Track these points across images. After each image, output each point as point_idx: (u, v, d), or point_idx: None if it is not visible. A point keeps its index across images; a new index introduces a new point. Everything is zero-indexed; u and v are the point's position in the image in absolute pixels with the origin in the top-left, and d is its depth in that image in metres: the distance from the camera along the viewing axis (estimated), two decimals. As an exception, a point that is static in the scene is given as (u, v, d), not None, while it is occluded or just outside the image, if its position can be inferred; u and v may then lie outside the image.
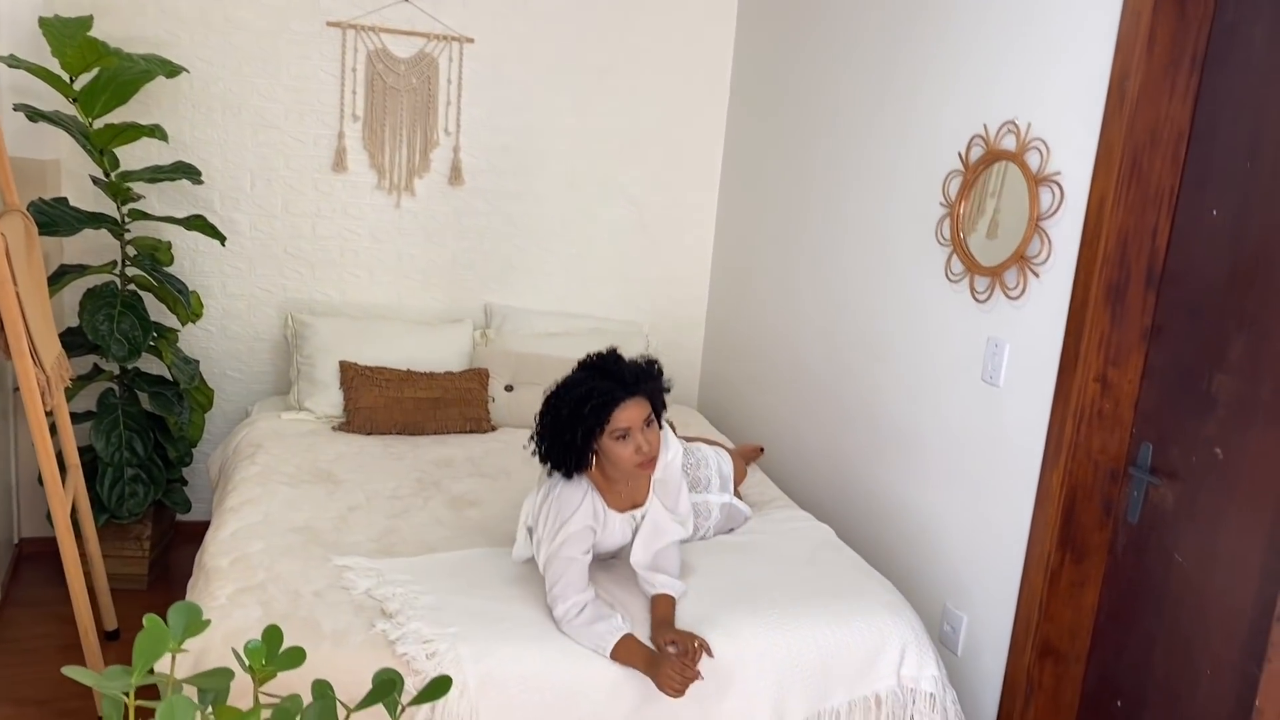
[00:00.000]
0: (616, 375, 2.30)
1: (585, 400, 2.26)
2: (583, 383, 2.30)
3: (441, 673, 2.12)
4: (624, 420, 2.28)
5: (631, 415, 2.29)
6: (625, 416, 2.28)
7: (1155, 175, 2.35)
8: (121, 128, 3.23)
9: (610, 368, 2.32)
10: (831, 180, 3.53)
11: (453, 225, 4.08)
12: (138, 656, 1.34)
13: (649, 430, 2.33)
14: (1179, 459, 2.37)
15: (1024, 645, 2.63)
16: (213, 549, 2.55)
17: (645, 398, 2.33)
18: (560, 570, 2.32)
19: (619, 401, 2.27)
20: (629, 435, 2.29)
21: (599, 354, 2.38)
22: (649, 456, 2.32)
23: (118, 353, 3.26)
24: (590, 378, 2.30)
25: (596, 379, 2.29)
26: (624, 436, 2.29)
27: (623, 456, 2.31)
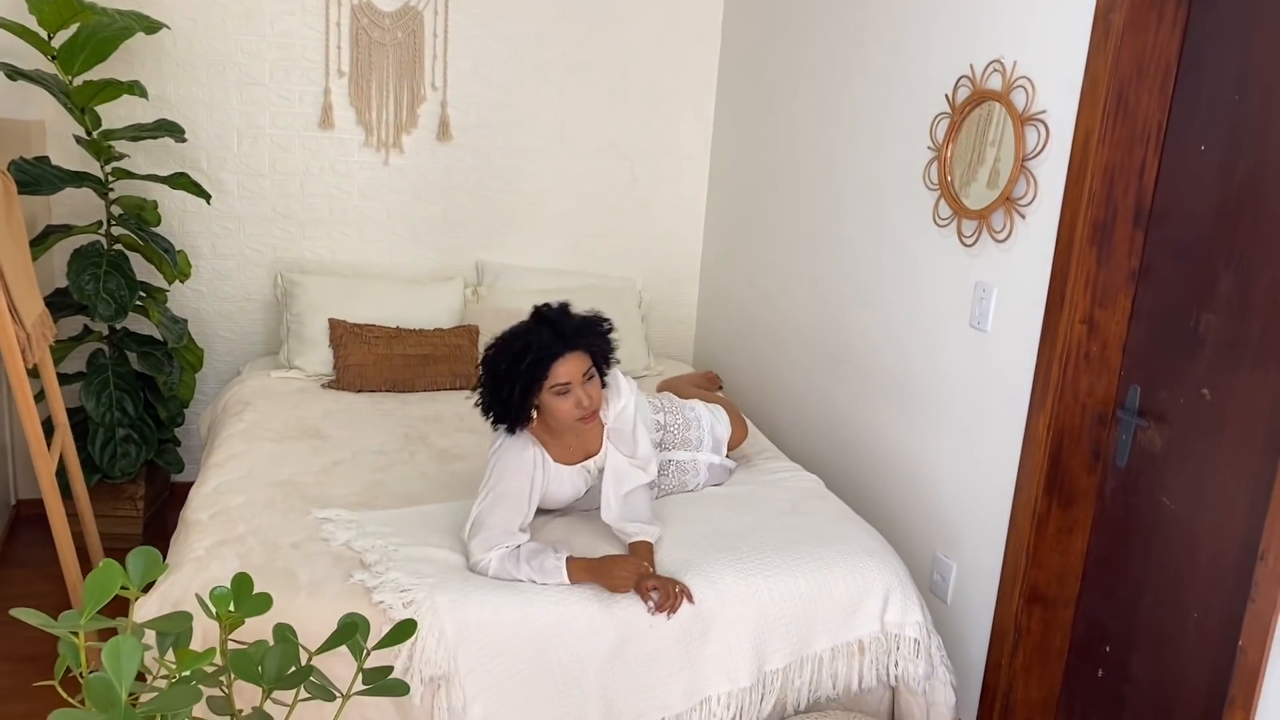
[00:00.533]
0: (556, 329, 2.27)
1: (522, 355, 2.24)
2: (520, 336, 2.27)
3: (419, 620, 2.13)
4: (563, 374, 2.26)
5: (570, 369, 2.27)
6: (564, 370, 2.26)
7: (1142, 110, 2.30)
8: (101, 85, 3.20)
9: (550, 321, 2.29)
10: (821, 128, 3.48)
11: (442, 182, 4.04)
12: (87, 598, 1.33)
13: (589, 384, 2.31)
14: (1167, 401, 2.33)
15: (1011, 592, 2.61)
16: (195, 503, 2.55)
17: (585, 351, 2.31)
18: (482, 521, 2.31)
19: (557, 356, 2.25)
20: (569, 390, 2.28)
21: (542, 306, 2.34)
22: (589, 410, 2.30)
23: (104, 312, 3.25)
24: (528, 332, 2.28)
25: (534, 334, 2.26)
26: (564, 392, 2.27)
27: (562, 411, 2.29)
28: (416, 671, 2.09)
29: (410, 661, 2.09)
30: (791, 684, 2.37)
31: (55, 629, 1.30)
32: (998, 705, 2.68)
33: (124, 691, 1.20)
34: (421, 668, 2.10)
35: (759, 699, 2.33)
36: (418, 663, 2.10)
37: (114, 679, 1.20)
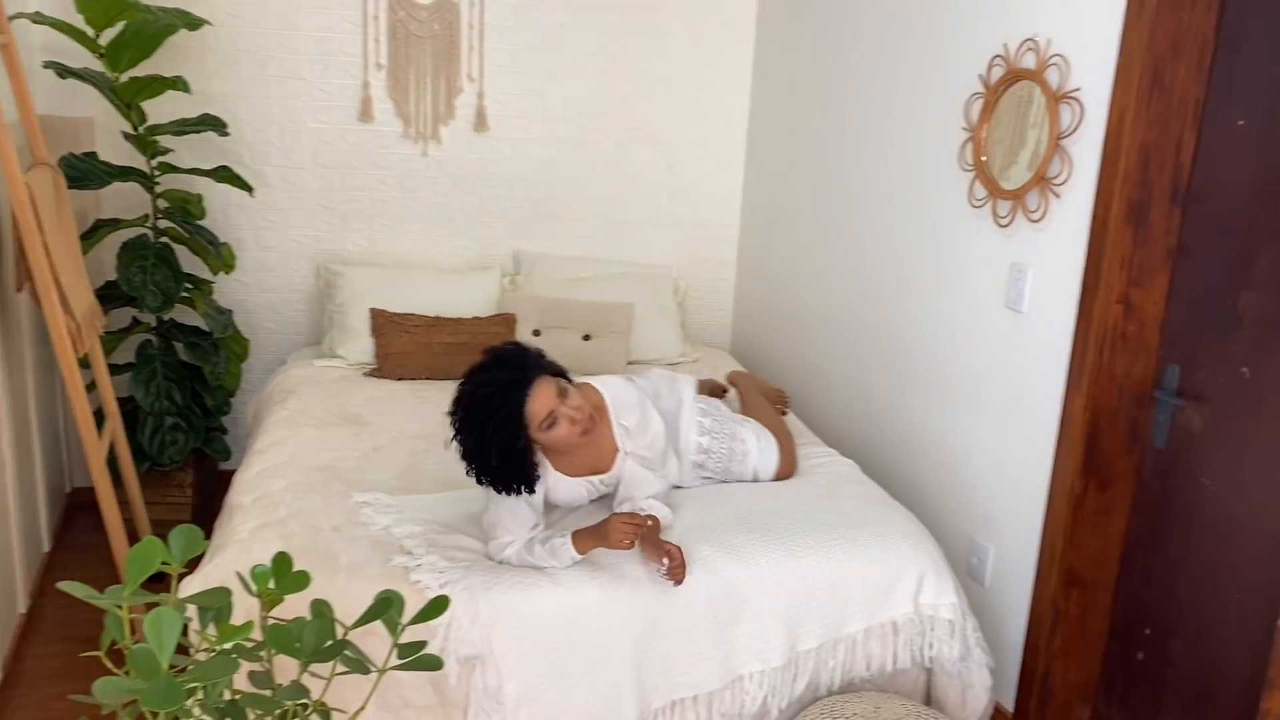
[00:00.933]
0: (501, 380, 2.17)
1: (494, 412, 2.14)
2: (478, 408, 2.17)
3: (454, 600, 2.17)
4: (541, 407, 2.19)
5: (545, 399, 2.19)
6: (540, 403, 2.19)
7: (1179, 87, 2.27)
8: (146, 80, 3.28)
9: (489, 379, 2.19)
10: (856, 111, 3.47)
11: (480, 172, 4.08)
12: (130, 571, 1.38)
13: (570, 398, 2.24)
14: (1206, 381, 2.31)
15: (1049, 575, 2.59)
16: (238, 488, 2.61)
17: (542, 375, 2.22)
18: (493, 524, 2.32)
19: (524, 399, 2.17)
20: (556, 418, 2.21)
21: (469, 379, 2.23)
22: (586, 422, 2.24)
23: (151, 303, 3.33)
24: (488, 385, 2.17)
25: (495, 386, 2.16)
26: (552, 423, 2.21)
27: (560, 438, 2.23)
28: (452, 651, 2.13)
29: (446, 642, 2.13)
30: (825, 664, 2.38)
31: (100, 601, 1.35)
32: (1036, 688, 2.66)
33: (165, 661, 1.25)
34: (456, 648, 2.13)
35: (791, 679, 2.35)
36: (453, 643, 2.14)
37: (155, 649, 1.25)
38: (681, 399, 2.75)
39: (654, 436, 2.46)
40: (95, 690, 1.23)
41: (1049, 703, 2.66)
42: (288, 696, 1.48)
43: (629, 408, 2.45)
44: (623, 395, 2.46)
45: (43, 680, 2.84)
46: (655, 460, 2.47)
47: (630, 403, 2.46)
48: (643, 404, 2.48)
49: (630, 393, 2.48)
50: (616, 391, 2.46)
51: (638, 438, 2.43)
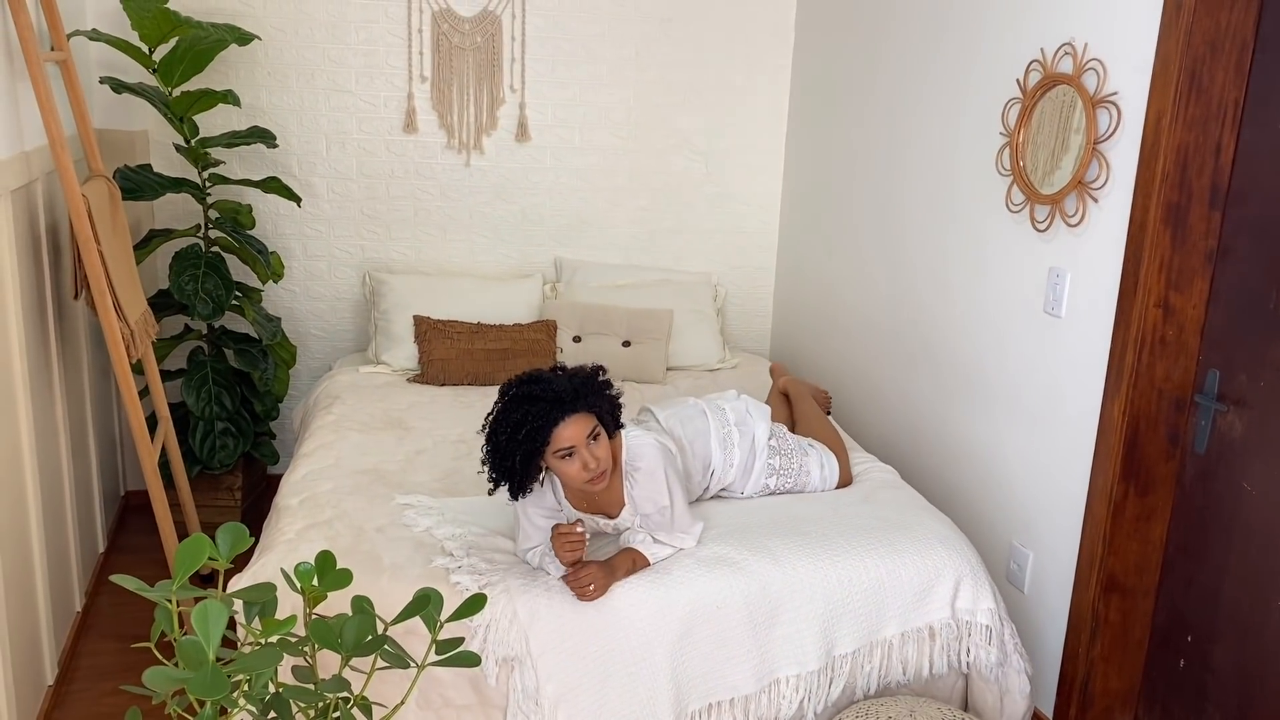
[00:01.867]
0: (554, 393, 2.16)
1: (522, 424, 2.15)
2: (519, 404, 2.17)
3: (491, 604, 2.21)
4: (565, 438, 2.16)
5: (573, 432, 2.17)
6: (567, 434, 2.16)
7: (1217, 89, 2.26)
8: (198, 95, 3.37)
9: (545, 386, 2.18)
10: (894, 119, 3.47)
11: (521, 181, 4.14)
12: (178, 565, 1.44)
13: (595, 445, 2.20)
14: (1247, 385, 2.28)
15: (1088, 580, 2.58)
16: (285, 490, 2.67)
17: (588, 412, 2.20)
18: (518, 525, 2.37)
19: (558, 420, 2.15)
20: (574, 453, 2.18)
21: (531, 374, 2.24)
22: (597, 473, 2.20)
23: (203, 311, 3.42)
24: (526, 399, 2.17)
25: (532, 400, 2.16)
26: (568, 455, 2.19)
27: (569, 474, 2.21)
28: (491, 652, 2.17)
29: (485, 643, 2.17)
30: (861, 669, 2.39)
31: (150, 594, 1.41)
32: (1076, 695, 2.65)
33: (212, 652, 1.30)
34: (495, 649, 2.17)
35: (828, 683, 2.36)
36: (492, 644, 2.17)
37: (202, 640, 1.30)
38: (755, 443, 2.70)
39: (658, 511, 2.35)
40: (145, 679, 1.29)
41: (1089, 709, 2.64)
42: (330, 689, 1.53)
43: (643, 475, 2.34)
44: (642, 459, 2.35)
45: (97, 676, 2.93)
46: (657, 525, 2.37)
47: (645, 470, 2.34)
48: (655, 478, 2.34)
49: (653, 461, 2.35)
50: (641, 454, 2.35)
51: (639, 504, 2.35)
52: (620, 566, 2.26)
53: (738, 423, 2.71)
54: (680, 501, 2.35)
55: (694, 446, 2.62)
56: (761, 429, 2.73)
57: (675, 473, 2.39)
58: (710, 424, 2.67)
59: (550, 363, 3.74)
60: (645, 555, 2.31)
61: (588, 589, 2.21)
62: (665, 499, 2.32)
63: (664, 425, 2.63)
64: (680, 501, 2.35)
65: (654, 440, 2.39)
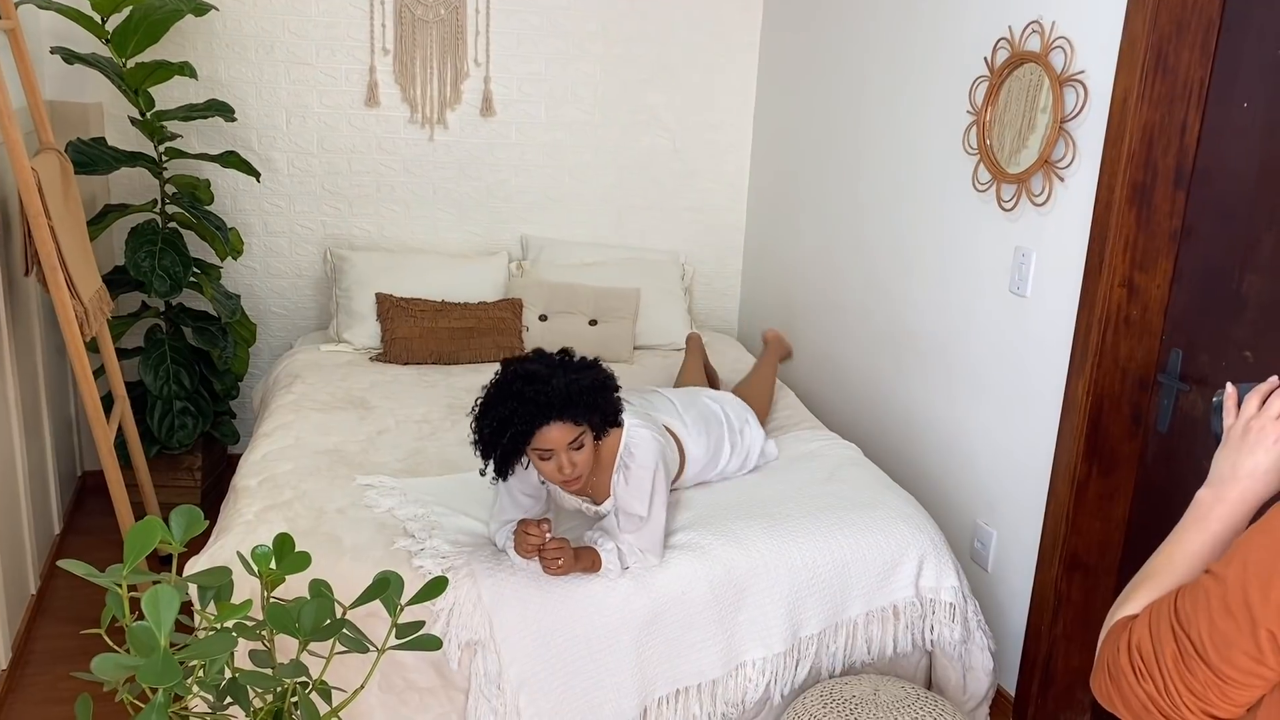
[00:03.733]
0: (544, 398, 2.11)
1: (508, 422, 2.12)
2: (505, 401, 2.13)
3: (454, 587, 2.19)
4: (546, 442, 2.14)
5: (555, 438, 2.13)
6: (549, 438, 2.13)
7: (1183, 68, 2.25)
8: (153, 66, 3.28)
9: (538, 389, 2.12)
10: (862, 97, 3.45)
11: (486, 157, 4.09)
12: (128, 550, 1.40)
13: (575, 452, 2.16)
14: (1209, 365, 2.30)
15: (1051, 559, 2.59)
16: (244, 470, 2.63)
17: (575, 421, 2.15)
18: (496, 499, 2.36)
19: (541, 425, 2.12)
20: (553, 455, 2.16)
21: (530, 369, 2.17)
22: (571, 479, 2.19)
23: (159, 288, 3.35)
24: (513, 398, 2.12)
25: (519, 401, 2.11)
26: (547, 457, 2.17)
27: (546, 471, 2.20)
28: (453, 636, 2.14)
29: (448, 627, 2.15)
30: (826, 649, 2.39)
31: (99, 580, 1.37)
32: (1038, 673, 2.67)
33: (163, 638, 1.27)
34: (458, 633, 2.15)
35: (794, 664, 2.36)
36: (455, 628, 2.15)
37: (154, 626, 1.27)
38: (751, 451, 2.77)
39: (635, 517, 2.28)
40: (94, 666, 1.25)
41: (1051, 687, 2.66)
42: (287, 675, 1.49)
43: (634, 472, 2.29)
44: (638, 454, 2.30)
45: (52, 660, 2.88)
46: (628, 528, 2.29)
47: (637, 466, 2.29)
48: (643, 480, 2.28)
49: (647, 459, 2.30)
50: (639, 449, 2.31)
51: (621, 499, 2.30)
52: (582, 559, 2.22)
53: (740, 429, 2.74)
54: (658, 516, 2.28)
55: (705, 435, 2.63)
56: (758, 435, 2.75)
57: (665, 477, 2.33)
58: (724, 433, 2.68)
59: (517, 344, 3.71)
60: (601, 560, 2.24)
61: (556, 562, 2.16)
62: (644, 509, 2.26)
63: (680, 411, 2.62)
64: (658, 516, 2.28)
65: (655, 439, 2.33)
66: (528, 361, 2.21)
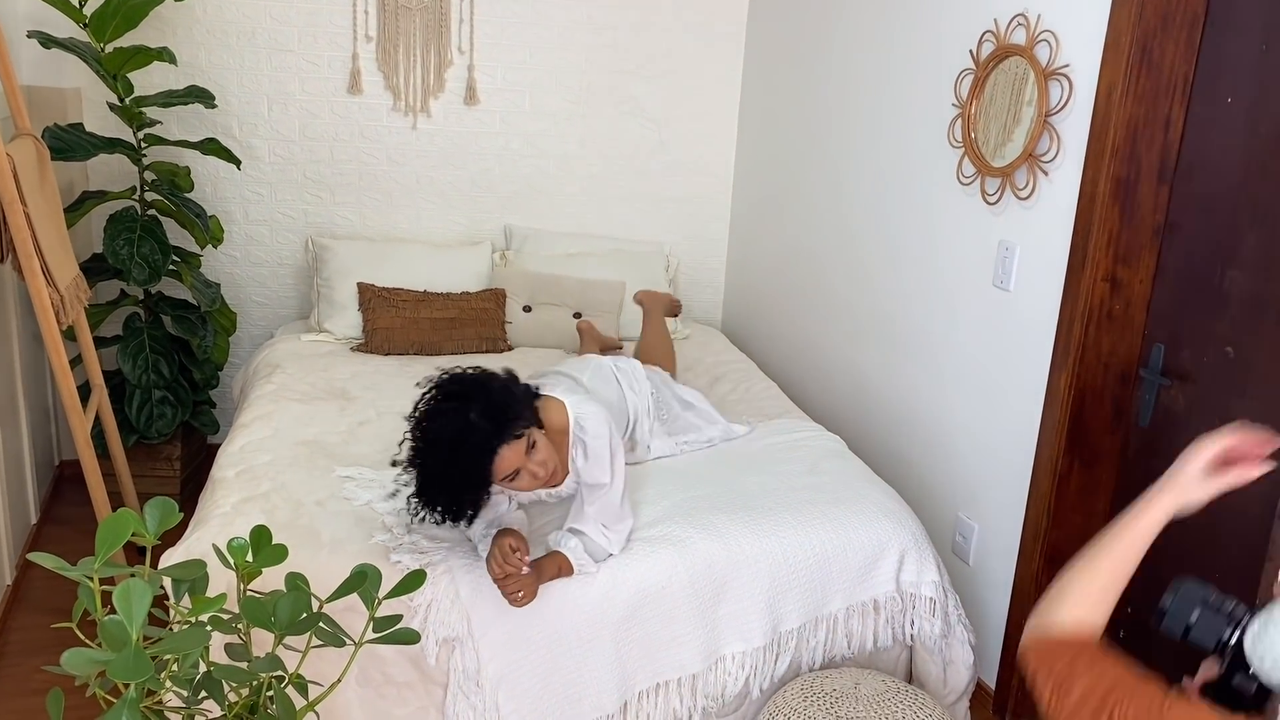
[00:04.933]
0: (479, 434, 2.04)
1: (462, 490, 2.07)
2: (442, 471, 2.07)
3: (433, 583, 2.17)
4: (506, 468, 2.09)
5: (510, 460, 2.09)
6: (506, 465, 2.08)
7: (1168, 63, 2.25)
8: (131, 51, 3.24)
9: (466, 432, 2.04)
10: (848, 89, 3.44)
11: (470, 146, 4.06)
12: (100, 543, 1.38)
13: (537, 452, 2.13)
14: (1190, 360, 2.30)
15: (1032, 552, 2.60)
16: (222, 461, 2.61)
17: (519, 435, 2.09)
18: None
19: (495, 455, 2.06)
20: (519, 473, 2.12)
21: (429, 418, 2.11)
22: (547, 477, 2.16)
23: (138, 276, 3.31)
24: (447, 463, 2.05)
25: (455, 460, 2.04)
26: (514, 478, 2.12)
27: (521, 488, 2.18)
28: (432, 632, 2.13)
29: (425, 622, 2.13)
30: (806, 643, 2.39)
31: (70, 573, 1.35)
32: (1019, 666, 2.67)
33: (135, 632, 1.25)
34: (436, 629, 2.13)
35: (774, 658, 2.35)
36: (432, 624, 2.13)
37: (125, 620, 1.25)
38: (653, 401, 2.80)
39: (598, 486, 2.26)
40: (64, 661, 1.23)
41: (1031, 680, 2.66)
42: (262, 669, 1.48)
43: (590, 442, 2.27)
44: (589, 426, 2.28)
45: (28, 652, 2.85)
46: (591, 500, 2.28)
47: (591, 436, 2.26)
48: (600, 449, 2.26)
49: (600, 429, 2.27)
50: (589, 421, 2.28)
51: (583, 473, 2.28)
52: (547, 570, 2.19)
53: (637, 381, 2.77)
54: (620, 481, 2.28)
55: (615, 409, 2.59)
56: (646, 387, 2.76)
57: (619, 443, 2.33)
58: (623, 386, 2.70)
59: (499, 337, 3.68)
60: (571, 564, 2.22)
61: (517, 596, 2.11)
62: (606, 476, 2.25)
63: (588, 387, 2.59)
64: (620, 481, 2.28)
65: (599, 409, 2.33)
66: (430, 421, 2.11)
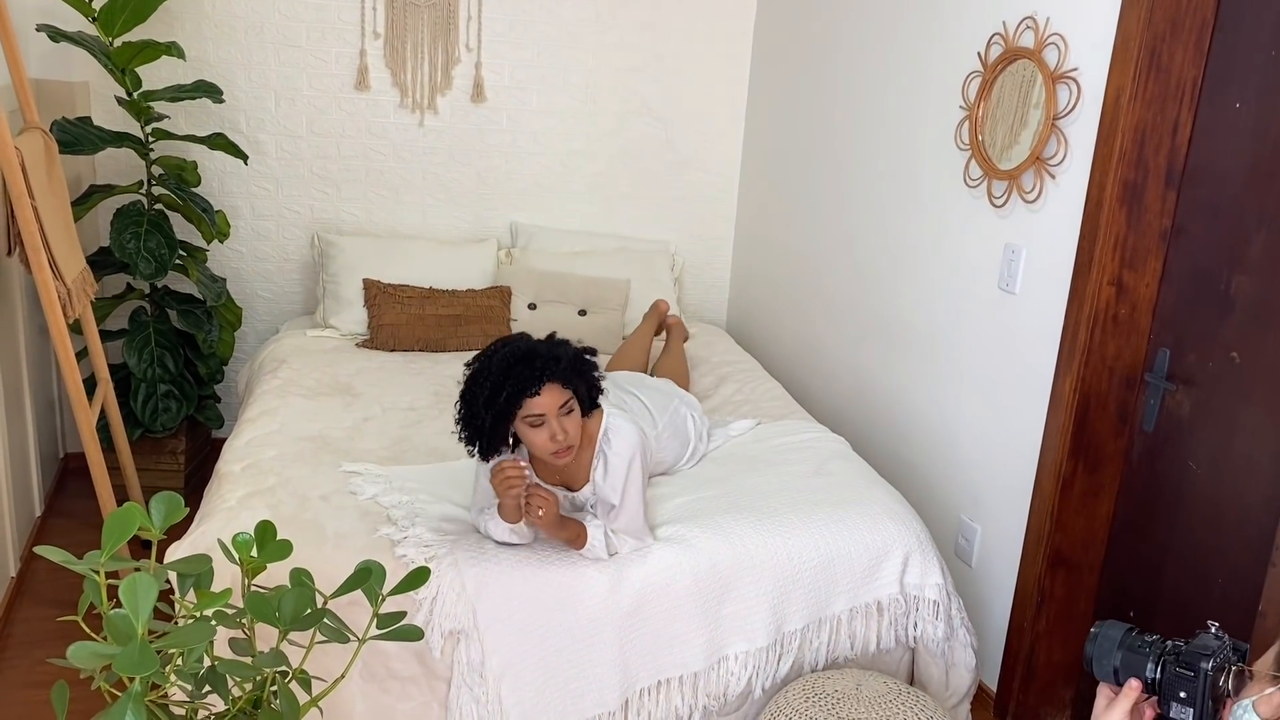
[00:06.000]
0: (537, 358, 2.12)
1: (499, 387, 2.10)
2: (497, 367, 2.12)
3: (437, 576, 2.18)
4: (538, 406, 2.11)
5: (546, 402, 2.11)
6: (540, 402, 2.11)
7: (1176, 67, 2.25)
8: (140, 46, 3.25)
9: (529, 351, 2.14)
10: (855, 90, 3.44)
11: (477, 143, 4.06)
12: (106, 537, 1.38)
13: (566, 418, 2.15)
14: (1196, 365, 2.30)
15: (1035, 555, 2.60)
16: (228, 456, 2.61)
17: (564, 384, 2.14)
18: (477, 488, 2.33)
19: (534, 385, 2.10)
20: (544, 421, 2.13)
21: (516, 337, 2.22)
22: (564, 446, 2.15)
23: (144, 270, 3.32)
24: (506, 361, 2.13)
25: (512, 364, 2.11)
26: (539, 423, 2.13)
27: (537, 443, 2.16)
28: (437, 625, 2.14)
29: (430, 615, 2.14)
30: (809, 644, 2.39)
31: (77, 566, 1.35)
32: (1020, 669, 2.68)
33: (141, 626, 1.25)
34: (441, 621, 2.14)
35: (776, 659, 2.35)
36: (438, 616, 2.14)
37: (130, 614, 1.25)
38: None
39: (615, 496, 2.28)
40: (70, 655, 1.23)
41: (1033, 683, 2.67)
42: (266, 664, 1.48)
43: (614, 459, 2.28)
44: (618, 442, 2.28)
45: (32, 643, 2.86)
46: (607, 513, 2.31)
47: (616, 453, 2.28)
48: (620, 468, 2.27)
49: (628, 447, 2.28)
50: (620, 437, 2.29)
51: (599, 486, 2.30)
52: (567, 527, 2.21)
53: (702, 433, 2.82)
54: (632, 504, 2.28)
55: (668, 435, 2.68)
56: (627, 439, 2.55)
57: (644, 467, 2.32)
58: (689, 439, 2.75)
59: (506, 330, 3.70)
60: (587, 539, 2.24)
61: (538, 511, 2.13)
62: (616, 497, 2.26)
63: (655, 418, 2.65)
64: (632, 504, 2.28)
65: (635, 429, 2.32)
66: (513, 337, 2.23)
